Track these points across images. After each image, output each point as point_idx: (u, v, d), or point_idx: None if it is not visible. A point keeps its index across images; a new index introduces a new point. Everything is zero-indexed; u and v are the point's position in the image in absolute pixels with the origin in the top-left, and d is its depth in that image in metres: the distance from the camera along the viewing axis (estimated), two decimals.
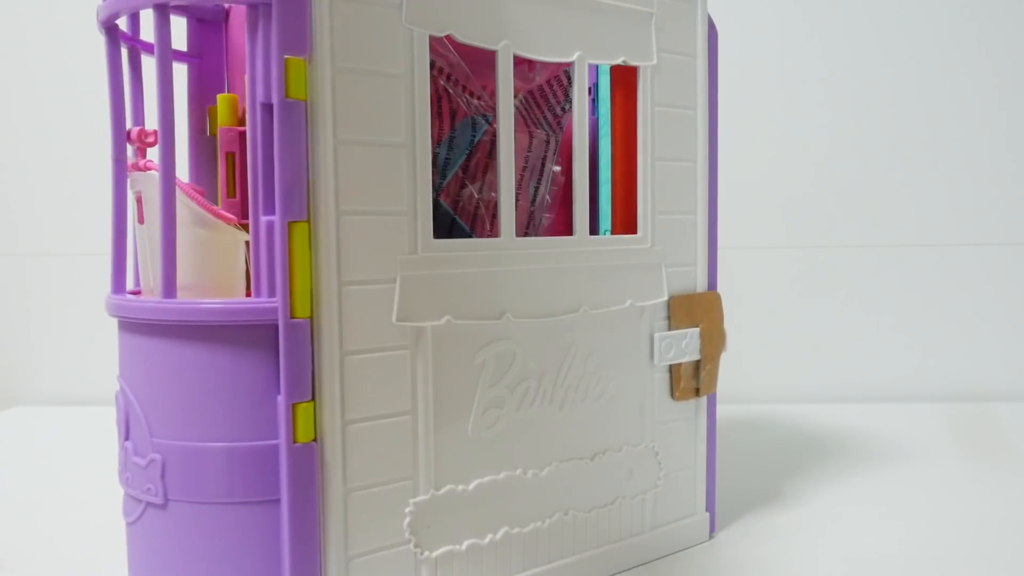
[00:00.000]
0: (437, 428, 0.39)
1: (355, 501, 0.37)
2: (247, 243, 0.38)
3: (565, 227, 0.50)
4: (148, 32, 0.37)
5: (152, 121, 0.36)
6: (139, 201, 0.38)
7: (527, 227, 0.48)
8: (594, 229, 0.47)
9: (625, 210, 0.46)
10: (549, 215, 0.50)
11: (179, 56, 0.44)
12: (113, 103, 0.37)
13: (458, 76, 0.46)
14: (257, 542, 0.35)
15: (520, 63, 0.46)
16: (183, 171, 0.43)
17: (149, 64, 0.38)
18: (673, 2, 0.46)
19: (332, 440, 0.36)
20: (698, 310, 0.48)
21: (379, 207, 0.36)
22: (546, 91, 0.48)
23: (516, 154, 0.45)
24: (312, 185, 0.35)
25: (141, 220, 0.39)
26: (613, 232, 0.47)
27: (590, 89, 0.49)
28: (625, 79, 0.46)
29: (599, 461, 0.45)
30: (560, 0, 0.42)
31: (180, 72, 0.40)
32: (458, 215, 0.46)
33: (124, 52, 0.40)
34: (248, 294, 0.39)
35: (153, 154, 0.37)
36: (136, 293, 0.41)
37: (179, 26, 0.41)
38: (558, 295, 0.43)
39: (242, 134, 0.41)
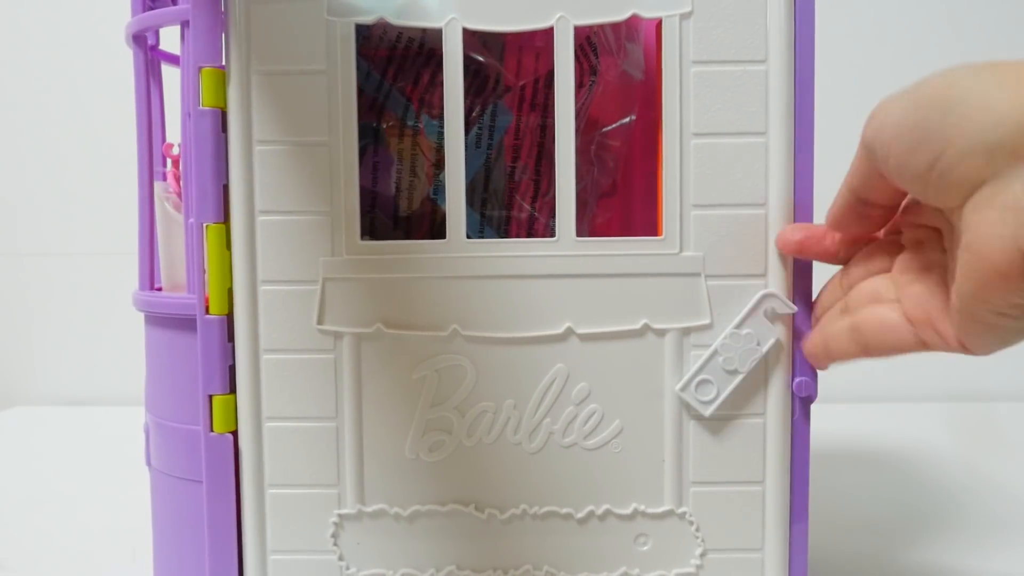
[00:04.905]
0: (366, 441, 0.37)
1: (274, 498, 0.37)
2: None
3: (613, 223, 0.41)
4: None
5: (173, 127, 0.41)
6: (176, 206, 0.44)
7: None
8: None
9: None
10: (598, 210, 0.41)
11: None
12: (139, 110, 0.41)
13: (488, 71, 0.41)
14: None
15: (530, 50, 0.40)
16: None
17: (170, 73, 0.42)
18: None
19: (248, 434, 0.37)
20: None
21: (299, 207, 0.36)
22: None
23: (528, 137, 0.39)
24: (231, 187, 0.36)
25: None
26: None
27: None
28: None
29: (592, 518, 0.36)
30: None
31: None
32: (487, 218, 0.42)
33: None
34: None
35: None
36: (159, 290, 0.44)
37: None
38: (530, 309, 0.36)
39: None
